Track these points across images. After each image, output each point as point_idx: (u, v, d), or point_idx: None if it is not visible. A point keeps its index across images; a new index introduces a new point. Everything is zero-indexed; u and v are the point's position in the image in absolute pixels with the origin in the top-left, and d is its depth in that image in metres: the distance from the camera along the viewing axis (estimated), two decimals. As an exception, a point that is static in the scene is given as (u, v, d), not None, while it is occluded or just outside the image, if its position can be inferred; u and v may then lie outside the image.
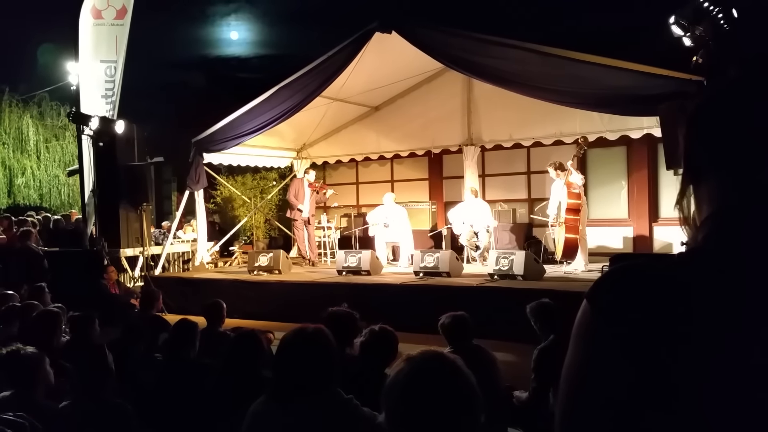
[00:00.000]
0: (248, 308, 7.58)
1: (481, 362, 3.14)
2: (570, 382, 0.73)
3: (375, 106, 10.84)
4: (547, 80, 6.88)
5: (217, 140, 9.34)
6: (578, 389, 0.72)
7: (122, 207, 8.73)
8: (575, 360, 0.73)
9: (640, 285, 0.70)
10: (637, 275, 0.72)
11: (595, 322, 0.71)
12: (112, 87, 9.78)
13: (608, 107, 7.12)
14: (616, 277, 0.73)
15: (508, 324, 5.90)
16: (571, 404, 0.72)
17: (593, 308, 0.72)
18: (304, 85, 8.38)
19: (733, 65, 0.77)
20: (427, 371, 1.14)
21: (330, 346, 1.87)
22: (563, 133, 8.98)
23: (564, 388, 0.74)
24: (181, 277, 9.21)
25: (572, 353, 0.73)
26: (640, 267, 0.72)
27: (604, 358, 0.69)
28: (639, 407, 0.67)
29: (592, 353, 0.71)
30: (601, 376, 0.69)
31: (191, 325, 3.37)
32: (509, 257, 7.14)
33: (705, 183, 0.74)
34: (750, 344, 0.63)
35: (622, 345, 0.68)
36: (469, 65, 7.42)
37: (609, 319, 0.70)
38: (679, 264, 0.72)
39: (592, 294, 0.73)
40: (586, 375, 0.71)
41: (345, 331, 2.97)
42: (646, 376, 0.66)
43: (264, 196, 12.89)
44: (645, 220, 9.44)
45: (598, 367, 0.70)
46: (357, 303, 3.89)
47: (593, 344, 0.71)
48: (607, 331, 0.70)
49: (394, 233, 9.21)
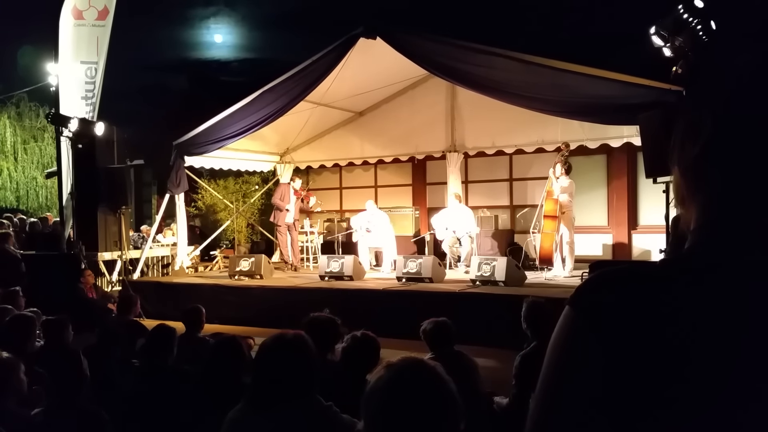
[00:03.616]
0: (228, 313, 7.52)
1: (462, 368, 3.13)
2: (546, 390, 0.72)
3: (359, 112, 10.85)
4: (530, 88, 6.96)
5: (198, 143, 9.26)
6: (555, 396, 0.71)
7: (101, 210, 8.62)
8: (554, 366, 0.72)
9: (626, 289, 0.70)
10: (622, 280, 0.71)
11: (577, 326, 0.70)
12: (93, 88, 9.65)
13: (589, 116, 7.22)
14: (600, 282, 0.72)
15: (489, 330, 5.93)
16: (546, 411, 0.71)
17: (576, 312, 0.71)
18: (287, 89, 8.35)
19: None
20: (406, 378, 1.14)
21: (309, 352, 1.86)
22: (545, 141, 9.09)
23: (539, 396, 0.73)
24: (159, 281, 9.10)
25: (551, 359, 0.72)
26: (625, 272, 0.72)
27: (586, 363, 0.69)
28: (620, 415, 0.66)
29: (573, 358, 0.70)
30: (582, 382, 0.68)
31: (169, 330, 3.33)
32: (491, 263, 7.18)
33: (703, 192, 0.72)
34: (735, 348, 0.64)
35: (605, 350, 0.67)
36: (453, 72, 7.48)
37: (593, 323, 0.69)
38: (665, 270, 0.72)
39: (576, 298, 0.72)
40: (566, 381, 0.70)
41: (326, 336, 2.95)
42: (629, 382, 0.66)
43: (246, 200, 12.80)
44: (624, 227, 9.57)
45: (579, 372, 0.69)
46: (339, 308, 3.87)
47: (575, 349, 0.70)
48: (590, 335, 0.69)
49: (377, 239, 9.22)
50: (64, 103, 9.46)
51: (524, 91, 7.01)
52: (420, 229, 10.57)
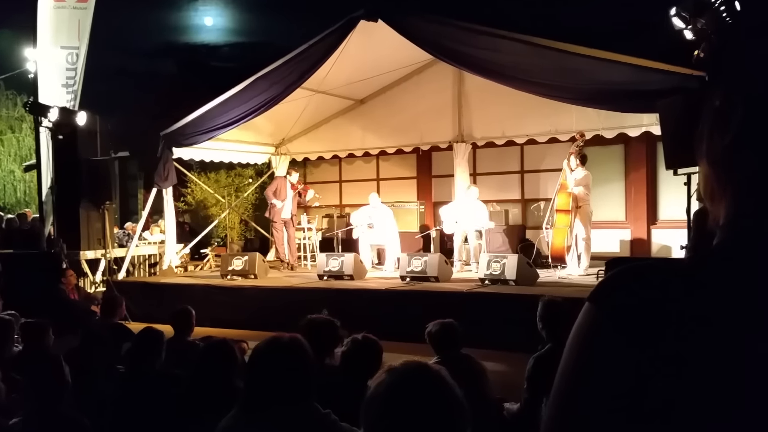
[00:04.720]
0: (220, 316, 7.53)
1: (470, 373, 3.14)
2: (564, 391, 0.72)
3: (360, 99, 10.83)
4: (541, 73, 6.94)
5: (188, 134, 9.26)
6: (574, 397, 0.71)
7: (83, 205, 8.64)
8: (573, 365, 0.72)
9: (652, 286, 0.70)
10: (648, 276, 0.72)
11: (599, 323, 0.71)
12: (74, 75, 9.65)
13: (605, 103, 7.19)
14: (625, 277, 0.73)
15: (499, 332, 5.93)
16: (564, 413, 0.72)
17: (598, 309, 0.71)
18: (283, 75, 8.34)
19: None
20: (409, 383, 1.14)
21: (306, 357, 1.86)
22: (559, 130, 9.06)
23: (556, 397, 0.73)
24: (146, 282, 9.13)
25: (569, 358, 0.73)
26: (651, 267, 0.72)
27: (607, 363, 0.69)
28: (642, 416, 0.67)
29: (593, 357, 0.70)
30: (603, 382, 0.69)
31: (157, 334, 3.34)
32: (501, 261, 7.18)
33: (734, 185, 0.72)
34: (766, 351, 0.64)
35: (628, 349, 0.68)
36: (459, 56, 7.46)
37: (616, 321, 0.69)
38: (693, 267, 0.72)
39: (598, 294, 0.73)
40: (585, 381, 0.70)
41: (325, 340, 2.96)
42: (653, 383, 0.66)
43: (239, 195, 12.80)
44: (643, 222, 9.56)
45: (600, 372, 0.69)
46: (338, 310, 3.87)
47: (596, 348, 0.71)
48: (612, 333, 0.69)
49: (380, 235, 9.22)
50: (43, 91, 9.45)
51: (535, 76, 6.99)
52: (426, 224, 10.57)
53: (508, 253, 8.42)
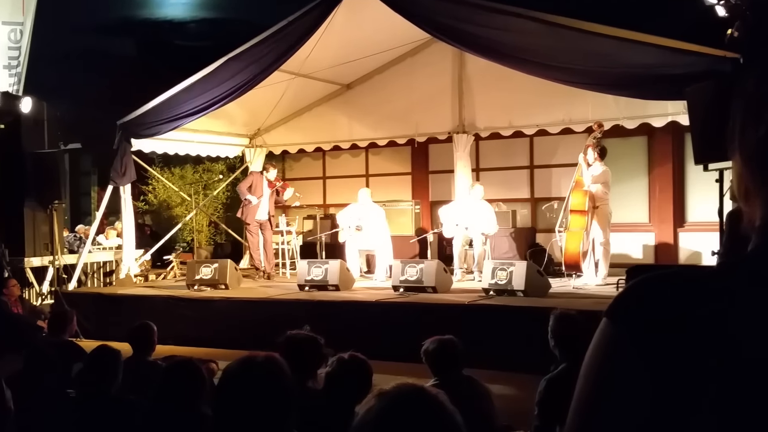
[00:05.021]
0: (186, 332, 7.55)
1: (473, 396, 3.15)
2: (581, 415, 0.73)
3: (346, 84, 10.84)
4: (554, 56, 6.98)
5: (149, 123, 9.24)
6: (591, 422, 0.72)
7: (28, 205, 8.63)
8: (589, 388, 0.73)
9: (675, 298, 0.70)
10: (670, 287, 0.72)
11: (617, 341, 0.71)
12: (17, 56, 9.60)
13: (626, 89, 7.24)
14: (645, 289, 0.73)
15: (506, 350, 5.96)
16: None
17: (616, 325, 0.72)
18: (259, 56, 8.34)
19: None
20: (402, 409, 1.13)
21: (285, 379, 1.86)
22: (573, 120, 9.12)
23: (573, 423, 0.74)
24: (101, 293, 9.10)
25: (586, 380, 0.73)
26: (674, 277, 0.73)
27: (628, 384, 0.69)
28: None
29: (612, 379, 0.71)
30: (623, 406, 0.69)
31: (113, 353, 3.34)
32: (508, 269, 7.21)
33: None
34: None
35: (650, 370, 0.68)
36: (461, 36, 7.48)
37: (637, 339, 0.70)
38: (723, 276, 0.72)
39: (615, 309, 0.73)
40: (604, 405, 0.71)
41: (306, 359, 2.98)
42: (677, 406, 0.67)
43: (208, 193, 12.77)
44: (669, 224, 9.63)
45: (620, 395, 0.70)
46: (322, 325, 3.88)
47: (614, 368, 0.71)
48: (632, 352, 0.70)
49: (369, 239, 9.21)
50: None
51: (547, 59, 7.03)
52: (422, 227, 10.59)
53: (516, 259, 8.43)
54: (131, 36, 21.12)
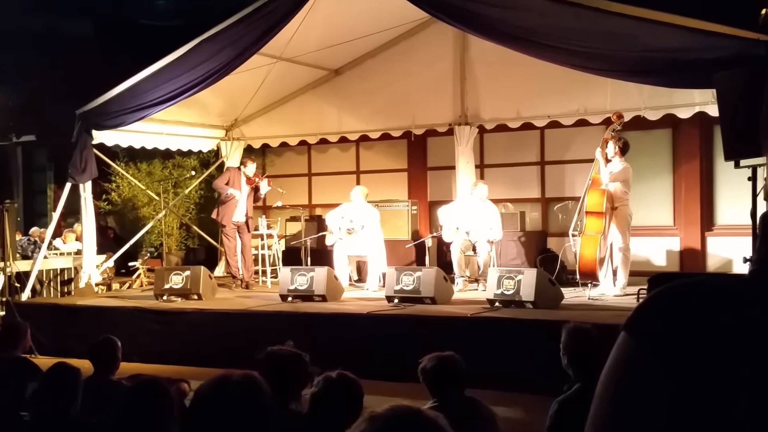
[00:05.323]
0: (153, 347, 7.55)
1: (475, 419, 3.16)
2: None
3: (335, 70, 10.86)
4: (568, 38, 6.99)
5: (112, 112, 9.22)
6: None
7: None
8: (607, 410, 0.74)
9: (702, 310, 0.71)
10: (695, 297, 0.73)
11: (638, 357, 0.72)
12: (-37, 36, 9.55)
13: (648, 75, 7.27)
14: (667, 300, 0.74)
15: (512, 368, 5.97)
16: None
17: (635, 337, 0.73)
18: (236, 37, 8.33)
19: None
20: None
21: (264, 400, 1.86)
22: (589, 111, 9.15)
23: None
24: (58, 304, 9.05)
25: (602, 401, 0.74)
26: (699, 286, 0.74)
27: (651, 404, 0.70)
28: None
29: (631, 396, 0.72)
30: (641, 419, 0.70)
31: (72, 371, 3.34)
32: (515, 277, 7.22)
33: None
34: None
35: (675, 386, 0.69)
36: (463, 15, 7.48)
37: (659, 353, 0.71)
38: (754, 285, 0.73)
39: (635, 321, 0.74)
40: (621, 419, 0.72)
41: (289, 379, 2.99)
42: (703, 416, 0.68)
43: (179, 192, 12.74)
44: (696, 227, 9.67)
45: (641, 417, 0.71)
46: (307, 340, 3.88)
47: (636, 387, 0.72)
48: (656, 369, 0.71)
49: (360, 244, 9.22)
50: None
51: (559, 41, 7.04)
52: (419, 230, 10.60)
53: (525, 267, 8.46)
54: (90, 14, 21.04)
